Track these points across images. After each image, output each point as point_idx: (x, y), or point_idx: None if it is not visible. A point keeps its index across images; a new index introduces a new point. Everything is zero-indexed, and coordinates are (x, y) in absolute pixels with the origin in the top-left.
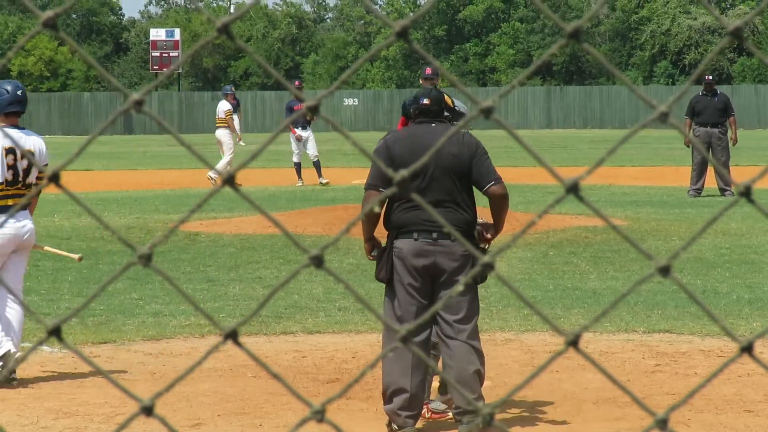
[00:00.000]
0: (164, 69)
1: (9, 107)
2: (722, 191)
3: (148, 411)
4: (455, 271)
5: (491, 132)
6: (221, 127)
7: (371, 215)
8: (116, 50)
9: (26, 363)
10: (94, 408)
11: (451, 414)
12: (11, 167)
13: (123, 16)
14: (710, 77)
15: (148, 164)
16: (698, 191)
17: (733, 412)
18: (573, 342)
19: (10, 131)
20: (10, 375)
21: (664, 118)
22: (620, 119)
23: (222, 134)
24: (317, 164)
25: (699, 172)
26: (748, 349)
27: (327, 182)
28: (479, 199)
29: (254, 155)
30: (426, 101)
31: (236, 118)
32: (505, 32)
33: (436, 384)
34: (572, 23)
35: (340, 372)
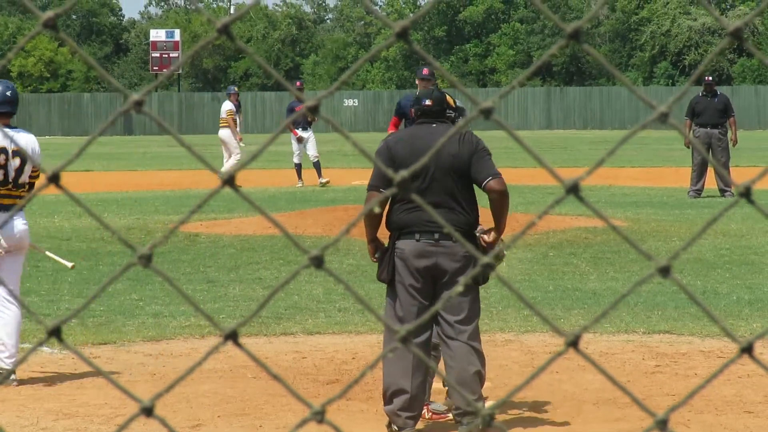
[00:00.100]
0: (164, 70)
1: None
2: (722, 192)
3: (148, 412)
4: (457, 272)
5: (491, 133)
6: (224, 128)
7: (374, 217)
8: (116, 51)
9: (26, 364)
10: (94, 409)
11: (451, 415)
12: (2, 167)
13: (123, 17)
14: (710, 78)
15: (148, 165)
16: (698, 192)
17: (733, 413)
18: (573, 343)
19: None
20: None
21: (664, 119)
22: (620, 120)
23: (225, 134)
24: (317, 165)
25: (699, 173)
26: (748, 350)
27: (327, 181)
28: (480, 200)
29: (254, 156)
30: (428, 102)
31: (237, 119)
32: (505, 33)
33: (439, 386)
34: (572, 24)
35: (340, 373)
